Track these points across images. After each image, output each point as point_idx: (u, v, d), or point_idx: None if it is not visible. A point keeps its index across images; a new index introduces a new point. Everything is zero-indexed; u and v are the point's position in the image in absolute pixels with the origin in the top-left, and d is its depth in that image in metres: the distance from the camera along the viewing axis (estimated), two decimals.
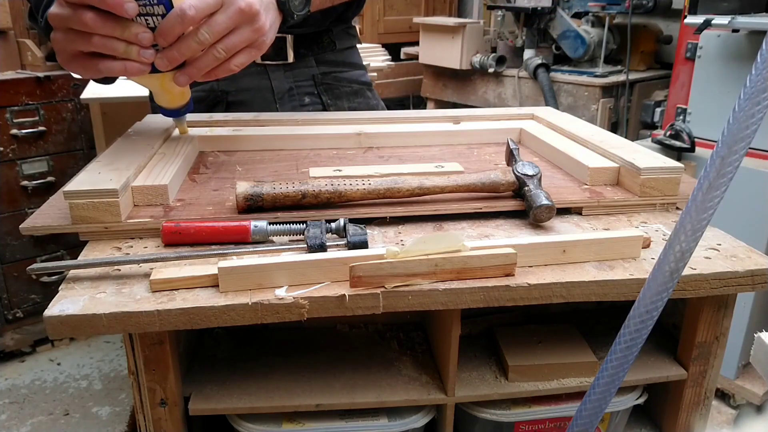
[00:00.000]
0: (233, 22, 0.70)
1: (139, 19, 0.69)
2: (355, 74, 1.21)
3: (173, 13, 0.67)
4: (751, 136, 0.34)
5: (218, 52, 0.71)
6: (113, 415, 2.01)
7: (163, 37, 0.68)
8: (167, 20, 0.68)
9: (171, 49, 0.70)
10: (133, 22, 0.68)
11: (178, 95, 0.83)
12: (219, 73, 0.74)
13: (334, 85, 1.17)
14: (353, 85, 1.20)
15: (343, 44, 1.17)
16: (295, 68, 1.12)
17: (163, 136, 0.87)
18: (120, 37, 0.68)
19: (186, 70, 0.72)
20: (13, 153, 2.11)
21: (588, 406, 0.44)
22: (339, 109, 1.17)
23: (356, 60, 1.22)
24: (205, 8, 0.68)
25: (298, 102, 1.13)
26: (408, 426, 0.67)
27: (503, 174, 0.72)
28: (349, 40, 1.19)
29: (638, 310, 0.40)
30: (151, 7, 0.68)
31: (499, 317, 0.78)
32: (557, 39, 2.44)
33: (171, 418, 0.62)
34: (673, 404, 0.73)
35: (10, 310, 2.23)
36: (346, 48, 1.18)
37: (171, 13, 0.67)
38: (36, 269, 0.59)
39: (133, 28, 0.68)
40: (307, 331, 0.76)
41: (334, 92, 1.17)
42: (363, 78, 1.22)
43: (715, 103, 1.86)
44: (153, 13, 0.69)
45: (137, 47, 0.69)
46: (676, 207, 0.76)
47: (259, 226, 0.64)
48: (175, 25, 0.67)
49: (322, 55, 1.14)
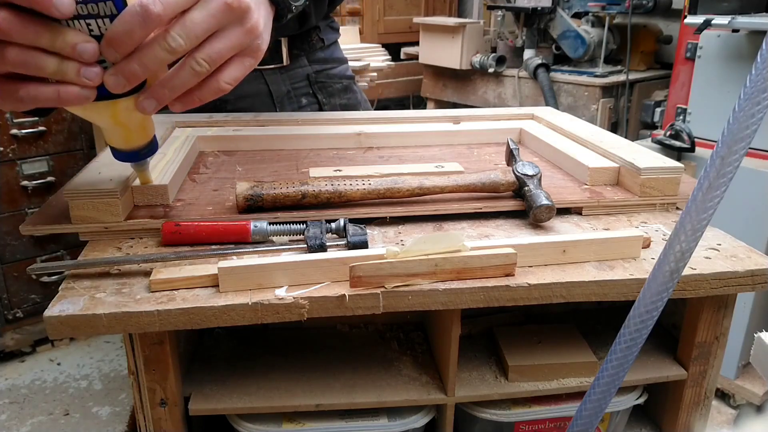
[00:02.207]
0: (217, 21, 0.51)
1: (77, 23, 0.47)
2: (342, 69, 1.19)
3: (129, 10, 0.47)
4: (751, 136, 0.34)
5: (198, 63, 0.51)
6: (113, 415, 2.01)
7: (116, 45, 0.48)
8: (121, 20, 0.47)
9: (129, 62, 0.49)
10: (68, 28, 0.47)
11: (138, 129, 0.60)
12: (204, 95, 0.54)
13: (327, 82, 1.14)
14: (343, 81, 1.18)
15: (330, 40, 1.14)
16: (290, 70, 1.09)
17: (163, 136, 0.87)
18: (49, 49, 0.47)
19: (152, 91, 0.53)
20: (13, 153, 2.11)
21: (588, 406, 0.44)
22: (333, 106, 1.15)
23: (340, 54, 1.20)
24: (177, 1, 0.49)
25: (296, 104, 1.11)
26: (408, 426, 0.67)
27: (503, 174, 0.72)
28: (334, 35, 1.17)
29: (638, 310, 0.40)
30: (94, 5, 0.47)
31: (499, 317, 0.78)
32: (557, 39, 2.44)
33: (171, 418, 0.62)
34: (673, 404, 0.73)
35: (10, 310, 2.23)
36: (332, 44, 1.16)
37: (126, 11, 0.47)
38: (36, 269, 0.59)
39: (69, 36, 0.47)
40: (307, 331, 0.76)
41: (327, 90, 1.15)
42: (348, 72, 1.21)
43: (715, 103, 1.86)
44: (98, 13, 0.47)
45: (76, 63, 0.48)
46: (676, 207, 0.76)
47: (259, 226, 0.64)
48: (133, 27, 0.47)
49: (313, 54, 1.11)
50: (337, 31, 1.19)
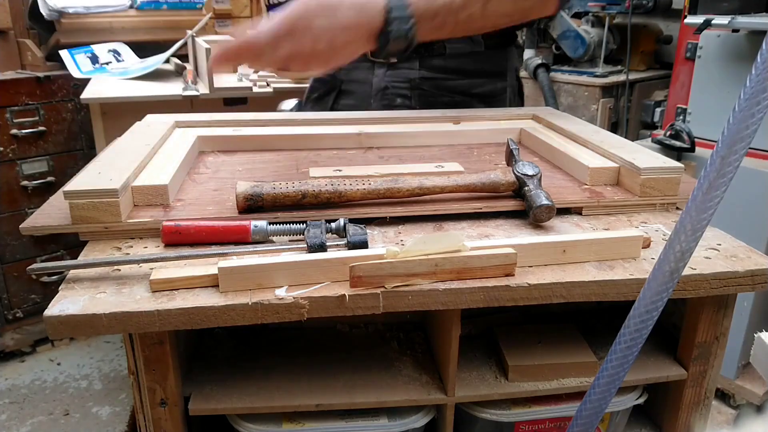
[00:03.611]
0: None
1: None
2: (468, 84, 1.09)
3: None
4: (751, 136, 0.34)
5: None
6: (113, 415, 2.01)
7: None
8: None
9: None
10: None
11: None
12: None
13: (430, 92, 1.09)
14: (455, 96, 1.09)
15: (459, 50, 1.07)
16: (397, 68, 1.08)
17: (163, 136, 0.87)
18: None
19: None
20: (13, 153, 2.10)
21: (588, 406, 0.44)
22: None
23: (478, 67, 1.09)
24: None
25: (389, 101, 1.10)
26: (408, 426, 0.67)
27: (503, 174, 0.72)
28: (471, 45, 1.07)
29: (638, 310, 0.40)
30: None
31: (499, 317, 0.78)
32: (557, 39, 2.43)
33: (171, 418, 0.62)
34: (673, 404, 0.73)
35: (10, 310, 2.23)
36: (464, 54, 1.08)
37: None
38: (36, 269, 0.59)
39: None
40: (307, 331, 0.76)
41: (428, 99, 1.09)
42: (476, 90, 1.10)
43: (715, 103, 1.86)
44: None
45: None
46: (676, 207, 0.76)
47: (259, 226, 0.64)
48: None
49: (428, 60, 1.07)
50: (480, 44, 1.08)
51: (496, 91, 1.13)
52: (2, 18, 2.08)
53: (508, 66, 1.14)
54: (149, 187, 0.70)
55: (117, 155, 0.77)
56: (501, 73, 1.13)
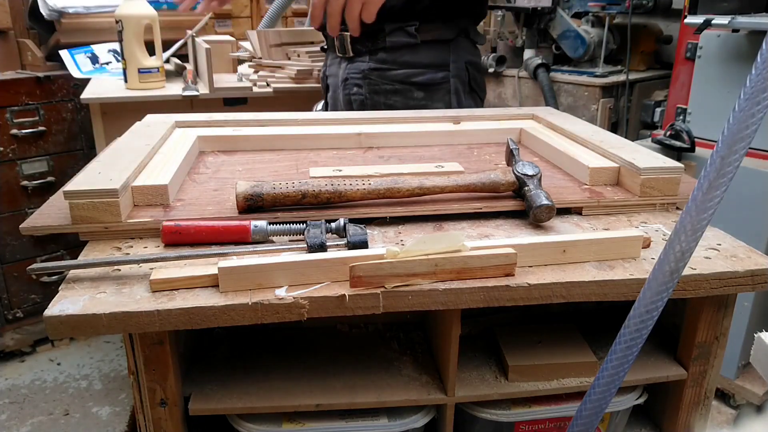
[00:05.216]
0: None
1: None
2: (406, 74, 1.24)
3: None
4: (751, 136, 0.34)
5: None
6: (113, 415, 2.01)
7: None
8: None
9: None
10: None
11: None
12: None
13: (377, 81, 1.26)
14: (396, 84, 1.25)
15: (397, 43, 1.22)
16: (354, 62, 1.27)
17: (163, 136, 0.87)
18: None
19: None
20: (13, 153, 2.10)
21: (588, 406, 0.44)
22: (375, 103, 1.27)
23: (415, 59, 1.23)
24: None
25: (349, 90, 1.29)
26: (408, 426, 0.67)
27: (503, 174, 0.72)
28: (407, 39, 1.22)
29: (638, 310, 0.40)
30: None
31: (499, 317, 0.78)
32: (557, 39, 2.43)
33: (171, 418, 0.62)
34: (673, 404, 0.73)
35: (10, 310, 2.23)
36: (401, 47, 1.22)
37: None
38: (36, 269, 0.59)
39: None
40: (307, 331, 0.76)
41: (375, 87, 1.26)
42: (415, 79, 1.24)
43: (715, 103, 1.86)
44: None
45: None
46: (676, 207, 0.76)
47: (259, 226, 0.64)
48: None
49: (375, 53, 1.24)
50: (413, 36, 1.22)
51: (436, 80, 1.25)
52: (2, 18, 2.08)
53: (451, 58, 1.26)
54: (149, 187, 0.70)
55: (117, 155, 0.77)
56: (442, 64, 1.25)
